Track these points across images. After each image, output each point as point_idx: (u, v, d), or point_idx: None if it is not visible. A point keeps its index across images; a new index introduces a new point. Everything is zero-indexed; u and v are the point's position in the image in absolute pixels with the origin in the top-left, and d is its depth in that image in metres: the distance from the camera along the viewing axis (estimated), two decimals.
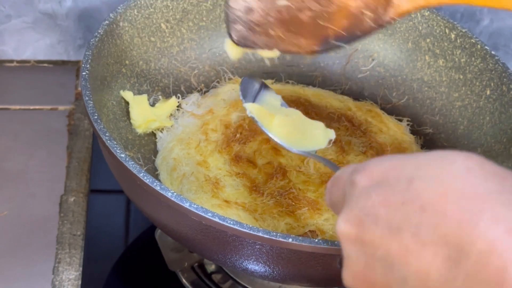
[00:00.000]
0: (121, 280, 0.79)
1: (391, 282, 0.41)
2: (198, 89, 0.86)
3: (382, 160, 0.45)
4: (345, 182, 0.47)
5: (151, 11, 0.83)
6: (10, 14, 0.98)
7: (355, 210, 0.43)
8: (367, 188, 0.43)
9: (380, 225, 0.41)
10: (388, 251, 0.41)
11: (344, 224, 0.44)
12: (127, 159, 0.62)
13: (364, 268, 0.43)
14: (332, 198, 0.49)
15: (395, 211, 0.41)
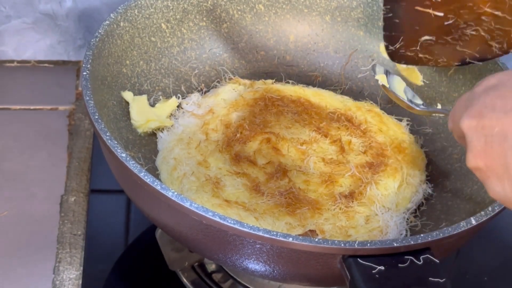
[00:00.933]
0: (121, 280, 0.79)
1: (506, 150, 0.52)
2: (199, 89, 0.86)
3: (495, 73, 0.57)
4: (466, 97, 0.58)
5: (152, 11, 0.83)
6: (10, 15, 0.98)
7: (476, 106, 0.55)
8: (485, 90, 0.55)
9: (497, 111, 0.53)
10: (503, 127, 0.52)
11: (467, 119, 0.55)
12: (128, 159, 0.62)
13: (484, 145, 0.53)
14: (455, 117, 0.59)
15: (509, 99, 0.52)
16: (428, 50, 0.76)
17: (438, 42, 0.75)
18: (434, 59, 0.76)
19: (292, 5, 0.91)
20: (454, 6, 0.72)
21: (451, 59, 0.76)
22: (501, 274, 0.84)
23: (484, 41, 0.72)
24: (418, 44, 0.76)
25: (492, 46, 0.72)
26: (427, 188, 0.78)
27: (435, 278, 0.58)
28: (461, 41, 0.73)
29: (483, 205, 0.70)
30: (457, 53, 0.75)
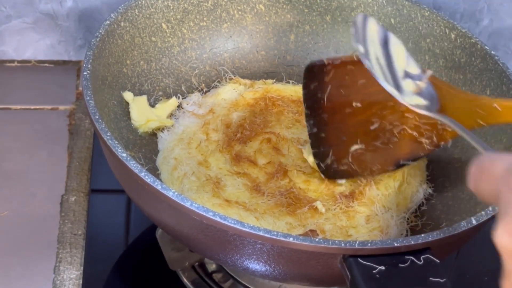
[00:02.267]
0: (122, 279, 0.79)
1: None
2: (199, 89, 0.86)
3: None
4: (498, 180, 0.45)
5: (152, 11, 0.83)
6: (10, 15, 0.98)
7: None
8: None
9: None
10: None
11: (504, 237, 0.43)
12: (128, 159, 0.62)
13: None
14: (480, 189, 0.47)
15: None
16: (360, 160, 0.72)
17: (369, 150, 0.71)
18: (368, 168, 0.72)
19: (292, 5, 0.91)
20: (375, 108, 0.68)
21: (386, 164, 0.72)
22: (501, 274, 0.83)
23: (414, 139, 0.69)
24: (349, 155, 0.71)
25: (423, 143, 0.69)
26: (427, 188, 0.78)
27: (436, 278, 0.58)
28: (391, 144, 0.70)
29: (484, 205, 0.70)
30: (390, 157, 0.71)
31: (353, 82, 0.68)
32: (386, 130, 0.69)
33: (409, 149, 0.70)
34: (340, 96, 0.70)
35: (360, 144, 0.70)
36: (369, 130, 0.69)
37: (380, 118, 0.69)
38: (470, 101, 0.67)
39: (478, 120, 0.66)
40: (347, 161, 0.72)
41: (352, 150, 0.71)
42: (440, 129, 0.68)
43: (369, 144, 0.71)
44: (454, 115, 0.64)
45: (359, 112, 0.69)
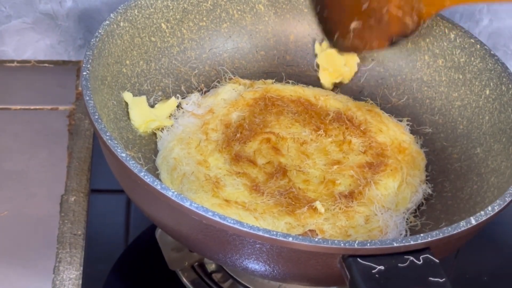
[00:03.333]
0: (121, 279, 0.79)
1: None
2: (199, 89, 0.86)
3: None
4: None
5: (152, 11, 0.83)
6: (10, 15, 0.98)
7: None
8: None
9: None
10: None
11: None
12: (128, 159, 0.62)
13: None
14: None
15: None
16: (360, 36, 0.82)
17: (365, 27, 0.81)
18: (368, 44, 0.82)
19: (292, 5, 0.91)
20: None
21: (382, 40, 0.81)
22: (501, 274, 0.84)
23: (399, 18, 0.79)
24: (351, 32, 0.81)
25: (406, 22, 0.78)
26: (427, 188, 0.78)
27: (435, 278, 0.58)
28: (382, 23, 0.80)
29: (483, 205, 0.70)
30: (384, 34, 0.81)
31: None
32: (375, 9, 0.79)
33: (398, 27, 0.79)
34: None
35: (358, 21, 0.80)
36: (362, 10, 0.79)
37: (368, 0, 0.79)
38: None
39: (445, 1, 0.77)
40: (349, 36, 0.82)
41: (352, 27, 0.81)
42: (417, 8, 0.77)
43: (365, 21, 0.80)
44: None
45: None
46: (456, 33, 0.84)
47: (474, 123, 0.81)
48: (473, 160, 0.78)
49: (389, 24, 0.79)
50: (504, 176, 0.72)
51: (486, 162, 0.76)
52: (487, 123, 0.79)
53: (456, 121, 0.83)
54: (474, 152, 0.79)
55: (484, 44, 0.82)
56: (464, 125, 0.82)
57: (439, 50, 0.85)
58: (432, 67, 0.86)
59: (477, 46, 0.82)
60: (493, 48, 1.04)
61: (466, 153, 0.80)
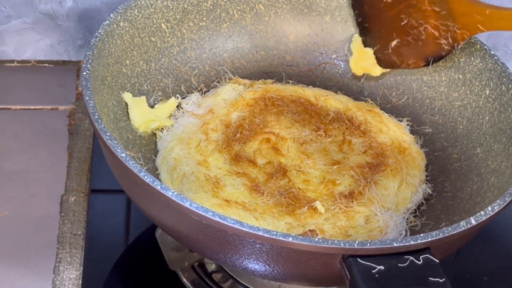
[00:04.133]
0: (121, 280, 0.79)
1: None
2: (198, 89, 0.86)
3: None
4: None
5: (151, 11, 0.83)
6: (10, 15, 0.98)
7: None
8: None
9: None
10: None
11: None
12: (128, 159, 0.62)
13: None
14: None
15: None
16: (398, 52, 0.84)
17: (403, 44, 0.83)
18: (404, 61, 0.84)
19: (292, 5, 0.91)
20: (403, 5, 0.81)
21: (418, 59, 0.83)
22: (501, 274, 0.84)
23: (435, 38, 0.80)
24: (390, 47, 0.84)
25: (442, 43, 0.80)
26: (427, 188, 0.78)
27: (435, 278, 0.58)
28: (419, 41, 0.81)
29: (483, 205, 0.70)
30: (421, 53, 0.82)
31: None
32: (413, 27, 0.81)
33: (433, 47, 0.81)
34: None
35: (396, 38, 0.83)
36: (401, 26, 0.81)
37: (407, 15, 0.81)
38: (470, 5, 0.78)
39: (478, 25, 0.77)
40: (388, 52, 0.84)
41: (393, 44, 0.83)
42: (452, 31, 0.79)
43: (403, 38, 0.82)
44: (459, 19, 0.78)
45: (391, 7, 0.82)
46: None
47: (474, 123, 0.81)
48: (473, 160, 0.78)
49: (425, 43, 0.81)
50: (504, 176, 0.72)
51: (486, 162, 0.76)
52: (487, 123, 0.79)
53: (456, 121, 0.83)
54: (474, 152, 0.79)
55: (484, 44, 0.82)
56: (464, 125, 0.82)
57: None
58: (432, 67, 0.86)
59: (477, 46, 0.82)
60: (493, 48, 1.04)
61: (466, 153, 0.80)
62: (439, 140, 0.83)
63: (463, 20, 0.78)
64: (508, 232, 0.88)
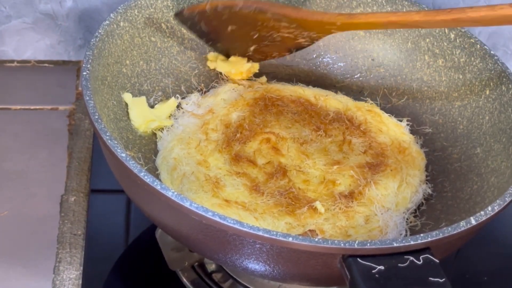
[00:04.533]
0: (121, 279, 0.79)
1: None
2: (198, 89, 0.86)
3: None
4: None
5: (152, 11, 0.83)
6: (10, 15, 0.98)
7: None
8: None
9: None
10: None
11: None
12: (128, 159, 0.62)
13: None
14: None
15: None
16: (260, 52, 0.85)
17: (262, 46, 0.84)
18: (269, 55, 0.86)
19: (292, 5, 0.91)
20: (248, 27, 0.81)
21: (281, 52, 0.85)
22: (501, 274, 0.84)
23: (292, 39, 0.81)
24: (249, 51, 0.85)
25: (300, 41, 0.82)
26: (427, 188, 0.78)
27: (435, 278, 0.58)
28: (277, 42, 0.82)
29: (483, 205, 0.70)
30: (282, 48, 0.84)
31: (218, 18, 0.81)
32: (267, 36, 0.82)
33: (292, 44, 0.83)
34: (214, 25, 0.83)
35: (254, 45, 0.84)
36: (253, 38, 0.83)
37: (257, 31, 0.81)
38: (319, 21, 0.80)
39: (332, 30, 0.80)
40: (249, 54, 0.85)
41: (251, 50, 0.85)
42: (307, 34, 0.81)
43: (260, 44, 0.83)
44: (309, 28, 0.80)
45: (238, 30, 0.82)
46: (456, 33, 0.84)
47: (474, 123, 0.81)
48: (473, 160, 0.78)
49: (284, 42, 0.82)
50: (504, 176, 0.72)
51: (486, 162, 0.76)
52: (487, 123, 0.79)
53: (456, 121, 0.83)
54: (474, 152, 0.79)
55: (484, 44, 0.82)
56: (464, 125, 0.82)
57: (439, 50, 0.86)
58: (432, 67, 0.86)
59: (477, 46, 0.82)
60: (493, 48, 1.04)
61: (466, 153, 0.80)
62: (439, 140, 0.83)
63: (316, 29, 0.79)
64: (508, 232, 0.88)
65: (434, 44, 0.86)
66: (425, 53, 0.87)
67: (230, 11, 0.80)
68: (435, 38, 0.86)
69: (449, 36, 0.85)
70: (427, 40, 0.86)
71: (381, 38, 0.90)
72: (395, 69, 0.88)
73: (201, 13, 0.82)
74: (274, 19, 0.79)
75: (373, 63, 0.90)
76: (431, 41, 0.86)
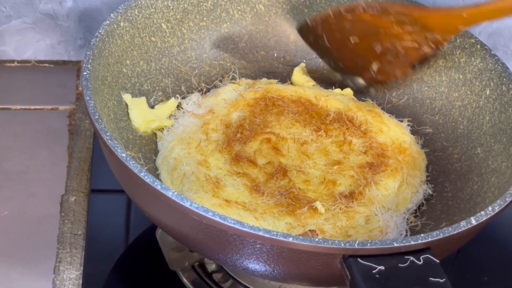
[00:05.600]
0: (121, 280, 0.79)
1: None
2: (199, 89, 0.86)
3: None
4: None
5: (152, 11, 0.83)
6: (10, 15, 0.98)
7: None
8: None
9: None
10: None
11: None
12: (128, 159, 0.62)
13: None
14: None
15: None
16: (382, 72, 0.84)
17: (385, 63, 0.83)
18: (392, 75, 0.84)
19: (292, 5, 0.91)
20: (371, 36, 0.81)
21: (404, 69, 0.83)
22: (501, 274, 0.84)
23: (416, 49, 0.80)
24: (372, 72, 0.84)
25: (424, 51, 0.80)
26: (427, 188, 0.78)
27: (435, 278, 0.58)
28: (400, 56, 0.81)
29: (483, 205, 0.70)
30: (406, 63, 0.83)
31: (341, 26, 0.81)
32: (390, 48, 0.81)
33: (416, 56, 0.81)
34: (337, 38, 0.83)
35: (375, 62, 0.83)
36: (377, 52, 0.82)
37: (379, 42, 0.80)
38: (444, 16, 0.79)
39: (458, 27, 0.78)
40: (373, 76, 0.84)
41: (374, 69, 0.83)
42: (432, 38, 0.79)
43: (383, 60, 0.82)
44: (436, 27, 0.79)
45: (360, 43, 0.82)
46: None
47: (475, 123, 0.81)
48: (474, 160, 0.78)
49: (407, 55, 0.81)
50: (505, 176, 0.72)
51: (486, 162, 0.76)
52: (488, 123, 0.79)
53: (456, 121, 0.83)
54: (474, 152, 0.79)
55: (484, 44, 0.82)
56: (464, 125, 0.82)
57: (439, 50, 0.85)
58: (433, 67, 0.86)
59: (477, 46, 0.82)
60: (493, 48, 1.04)
61: (466, 153, 0.80)
62: (440, 140, 0.83)
63: (440, 27, 0.78)
64: (508, 232, 0.88)
65: None
66: None
67: (353, 14, 0.79)
68: None
69: None
70: None
71: None
72: None
73: (324, 22, 0.82)
74: (397, 23, 0.78)
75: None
76: None
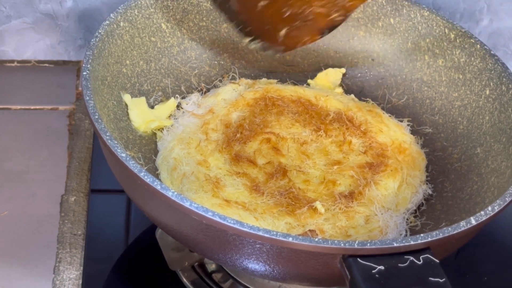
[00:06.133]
0: (121, 280, 0.79)
1: None
2: (199, 89, 0.86)
3: None
4: None
5: (152, 11, 0.83)
6: (10, 15, 0.98)
7: None
8: None
9: None
10: None
11: None
12: (128, 159, 0.62)
13: None
14: None
15: None
16: (290, 37, 0.81)
17: (293, 29, 0.80)
18: (300, 41, 0.82)
19: None
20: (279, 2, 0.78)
21: (313, 35, 0.81)
22: (501, 274, 0.84)
23: (325, 16, 0.79)
24: (279, 37, 0.81)
25: (333, 17, 0.79)
26: (427, 188, 0.78)
27: (435, 278, 0.58)
28: (309, 21, 0.79)
29: (483, 205, 0.70)
30: (313, 29, 0.81)
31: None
32: (298, 13, 0.79)
33: (325, 22, 0.80)
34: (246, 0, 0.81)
35: (283, 28, 0.80)
36: (285, 17, 0.79)
37: (288, 6, 0.78)
38: None
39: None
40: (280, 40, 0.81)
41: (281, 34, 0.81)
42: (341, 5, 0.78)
43: (290, 26, 0.80)
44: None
45: (269, 7, 0.79)
46: (456, 33, 0.84)
47: (474, 123, 0.81)
48: (473, 160, 0.78)
49: (316, 21, 0.80)
50: (504, 176, 0.72)
51: (486, 162, 0.76)
52: (487, 123, 0.79)
53: (456, 121, 0.83)
54: (474, 152, 0.79)
55: (484, 44, 0.82)
56: (464, 125, 0.82)
57: (439, 50, 0.86)
58: (432, 67, 0.86)
59: (477, 46, 0.82)
60: (493, 48, 1.04)
61: (466, 153, 0.80)
62: (439, 140, 0.83)
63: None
64: (508, 232, 0.88)
65: (434, 44, 0.86)
66: (425, 53, 0.87)
67: None
68: (435, 38, 0.86)
69: (449, 36, 0.85)
70: (427, 40, 0.86)
71: (381, 38, 0.90)
72: (395, 69, 0.88)
73: None
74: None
75: (373, 63, 0.90)
76: (431, 41, 0.86)
